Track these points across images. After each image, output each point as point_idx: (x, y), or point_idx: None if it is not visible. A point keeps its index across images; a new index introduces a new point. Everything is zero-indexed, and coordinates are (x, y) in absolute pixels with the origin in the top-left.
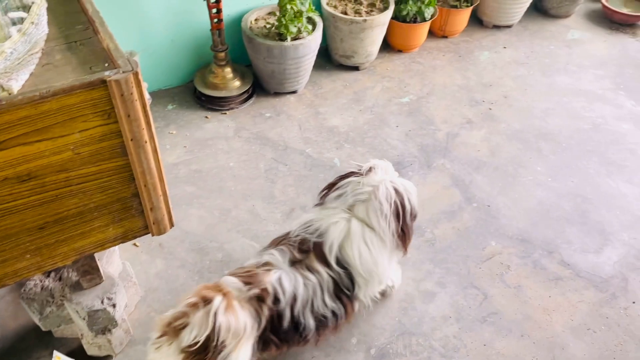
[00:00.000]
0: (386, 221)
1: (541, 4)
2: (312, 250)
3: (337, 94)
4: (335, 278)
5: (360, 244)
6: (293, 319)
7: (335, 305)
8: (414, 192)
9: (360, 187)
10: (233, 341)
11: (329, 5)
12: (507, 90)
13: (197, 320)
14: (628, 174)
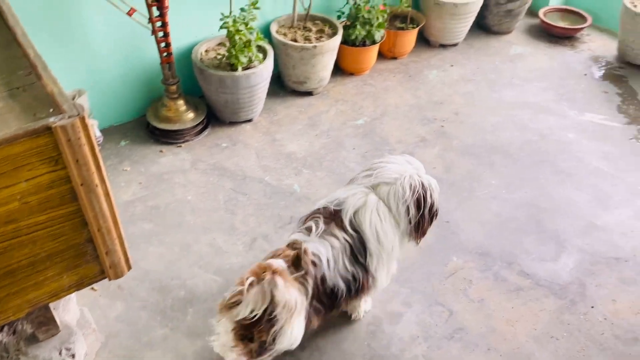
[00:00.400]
0: (404, 207)
1: (484, 22)
2: (333, 217)
3: (293, 119)
4: (350, 242)
5: (372, 214)
6: (329, 282)
7: (354, 270)
8: (436, 190)
9: (388, 172)
10: (286, 315)
11: (279, 34)
12: (458, 107)
13: (253, 296)
14: (577, 181)
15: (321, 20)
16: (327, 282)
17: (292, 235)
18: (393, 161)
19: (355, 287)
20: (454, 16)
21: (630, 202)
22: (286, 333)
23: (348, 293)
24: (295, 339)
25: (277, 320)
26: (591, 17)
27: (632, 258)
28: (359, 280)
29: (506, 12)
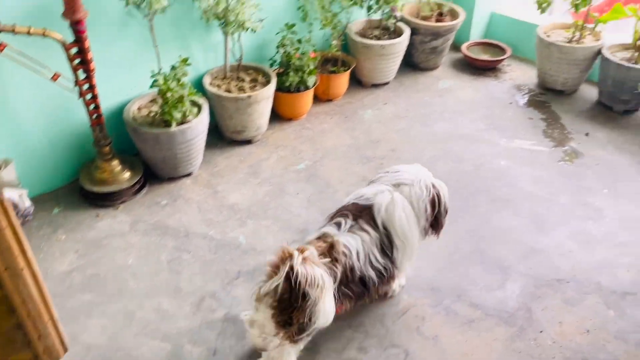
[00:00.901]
0: (424, 205)
1: (411, 60)
2: (362, 213)
3: (234, 169)
4: (380, 238)
5: (401, 211)
6: (359, 272)
7: (385, 262)
8: (446, 190)
9: (405, 175)
10: (316, 292)
11: (212, 86)
12: (394, 144)
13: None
14: (513, 207)
15: (254, 69)
16: (355, 271)
17: (322, 228)
18: (406, 168)
19: (386, 277)
20: (382, 57)
21: (564, 223)
22: (320, 310)
23: (380, 282)
24: (330, 314)
25: (310, 298)
26: (510, 49)
27: (573, 278)
28: (389, 271)
29: (431, 49)
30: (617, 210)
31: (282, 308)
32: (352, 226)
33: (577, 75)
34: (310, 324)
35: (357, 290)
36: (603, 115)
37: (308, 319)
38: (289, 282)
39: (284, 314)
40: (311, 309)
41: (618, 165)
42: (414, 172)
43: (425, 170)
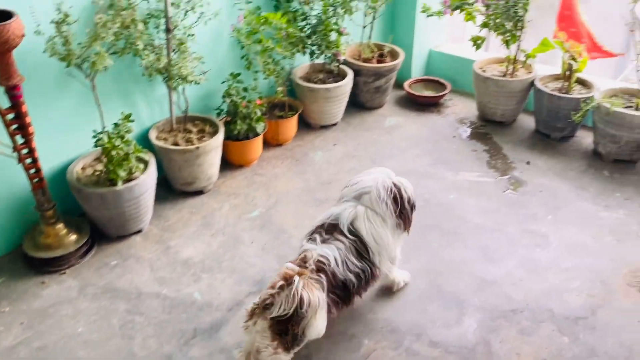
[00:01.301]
0: (385, 205)
1: (357, 100)
2: (333, 228)
3: (185, 222)
4: (354, 245)
5: (365, 221)
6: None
7: (361, 264)
8: (409, 186)
9: (365, 183)
10: (312, 311)
11: (159, 139)
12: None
13: (284, 298)
14: (463, 240)
15: (201, 120)
16: (338, 277)
17: (302, 246)
18: (367, 174)
19: (366, 278)
20: (328, 99)
21: (513, 252)
22: (313, 326)
23: (359, 284)
24: (321, 329)
25: (305, 316)
26: (450, 84)
27: (526, 307)
28: (367, 272)
29: (375, 89)
30: (562, 235)
31: (279, 320)
32: (327, 239)
33: (514, 106)
34: (303, 336)
35: (341, 295)
36: (541, 143)
37: (302, 332)
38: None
39: (281, 325)
40: (305, 324)
41: (559, 192)
42: (373, 177)
43: (386, 170)
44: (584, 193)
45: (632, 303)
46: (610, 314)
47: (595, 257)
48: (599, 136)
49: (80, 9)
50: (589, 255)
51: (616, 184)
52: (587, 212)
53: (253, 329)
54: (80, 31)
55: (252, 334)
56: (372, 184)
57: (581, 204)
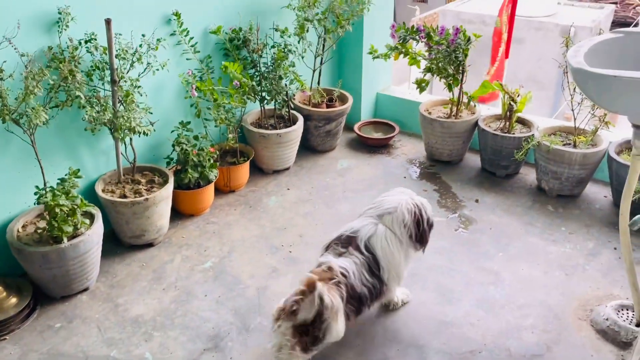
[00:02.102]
0: (406, 228)
1: (308, 144)
2: (350, 242)
3: (135, 277)
4: (367, 261)
5: (382, 240)
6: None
7: (373, 281)
8: (429, 207)
9: (389, 203)
10: (332, 315)
11: (106, 192)
12: (301, 229)
13: (308, 303)
14: (420, 281)
15: (149, 170)
16: (355, 289)
17: (319, 258)
18: (391, 194)
19: (375, 294)
20: (280, 144)
21: (469, 291)
22: (333, 329)
23: (370, 298)
24: (340, 332)
25: (325, 319)
26: (398, 126)
27: (484, 347)
28: (377, 288)
29: (326, 132)
30: (514, 272)
31: (303, 328)
32: (343, 253)
33: (460, 146)
34: (322, 339)
35: (356, 306)
36: (488, 180)
37: (322, 334)
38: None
39: (303, 327)
40: (326, 327)
41: (508, 228)
42: (397, 199)
43: (408, 191)
44: (532, 228)
45: (585, 337)
46: (565, 349)
47: (547, 292)
48: (542, 173)
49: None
50: (541, 290)
51: (561, 219)
52: (536, 248)
53: (278, 330)
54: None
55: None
56: (396, 206)
57: (530, 239)
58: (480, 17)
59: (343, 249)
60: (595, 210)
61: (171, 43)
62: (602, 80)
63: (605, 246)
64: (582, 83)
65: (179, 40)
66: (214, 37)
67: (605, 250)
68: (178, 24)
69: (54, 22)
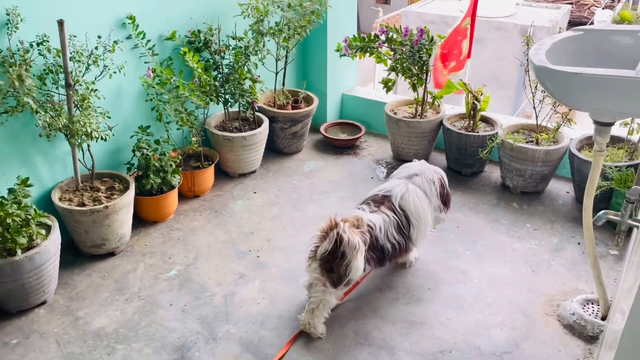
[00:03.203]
0: (434, 186)
1: (274, 146)
2: (383, 202)
3: (96, 288)
4: (398, 219)
5: (414, 197)
6: (381, 242)
7: (399, 238)
8: (445, 175)
9: (415, 167)
10: (352, 252)
11: (63, 201)
12: (268, 233)
13: (328, 240)
14: (389, 281)
15: (109, 176)
16: (379, 241)
17: (355, 210)
18: (414, 164)
19: (399, 250)
20: (245, 147)
21: (438, 290)
22: (354, 266)
23: (393, 253)
24: (359, 270)
25: (347, 256)
26: (364, 126)
27: (454, 347)
28: (402, 245)
29: (292, 134)
30: (481, 270)
31: (326, 260)
32: (375, 210)
33: (426, 145)
34: (345, 275)
35: (378, 256)
36: (454, 179)
37: (345, 270)
38: (335, 244)
39: (328, 264)
40: (347, 264)
41: (474, 226)
42: (420, 164)
43: (425, 163)
44: (498, 226)
45: (553, 332)
46: (534, 345)
47: (514, 289)
48: (506, 170)
49: None
50: (509, 287)
51: (526, 215)
52: (502, 245)
53: (309, 269)
54: None
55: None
56: (423, 168)
57: (496, 236)
58: (443, 17)
59: (375, 207)
60: (559, 206)
61: (128, 46)
62: (564, 77)
63: (569, 241)
64: (545, 80)
65: (136, 44)
66: (172, 44)
67: (569, 245)
68: (134, 27)
69: (2, 24)
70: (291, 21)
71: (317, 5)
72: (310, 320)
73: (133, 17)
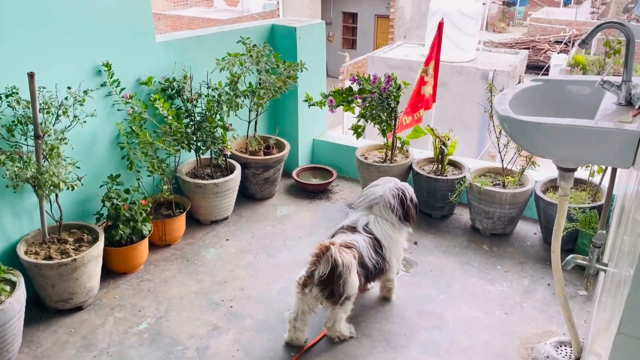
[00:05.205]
0: (393, 212)
1: (247, 192)
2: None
3: (63, 346)
4: (372, 240)
5: (376, 226)
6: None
7: (377, 258)
8: (410, 188)
9: (375, 194)
10: (346, 271)
11: (29, 254)
12: (242, 282)
13: (323, 263)
14: (364, 328)
15: (77, 227)
16: (364, 257)
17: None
18: (376, 184)
19: (378, 269)
20: (217, 194)
21: (414, 336)
22: (350, 282)
23: (375, 272)
24: (355, 285)
25: (342, 275)
26: (335, 170)
27: None
28: (380, 265)
29: (264, 180)
30: (456, 314)
31: (325, 285)
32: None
33: None
34: (343, 292)
35: (365, 272)
36: (425, 222)
37: (342, 288)
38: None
39: (327, 289)
40: (344, 282)
41: (447, 269)
42: (381, 188)
43: (392, 180)
44: (470, 268)
45: None
46: None
47: (489, 333)
48: (475, 213)
49: None
50: (483, 331)
51: (496, 257)
52: (475, 288)
53: (309, 294)
54: None
55: (304, 300)
56: (382, 194)
57: (469, 279)
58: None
59: (349, 233)
60: (527, 247)
61: (102, 94)
62: (527, 126)
63: (539, 282)
64: (509, 130)
65: (110, 91)
66: (146, 88)
67: (539, 287)
68: (109, 75)
69: None
70: (266, 82)
71: (293, 70)
72: (337, 332)
73: (109, 64)
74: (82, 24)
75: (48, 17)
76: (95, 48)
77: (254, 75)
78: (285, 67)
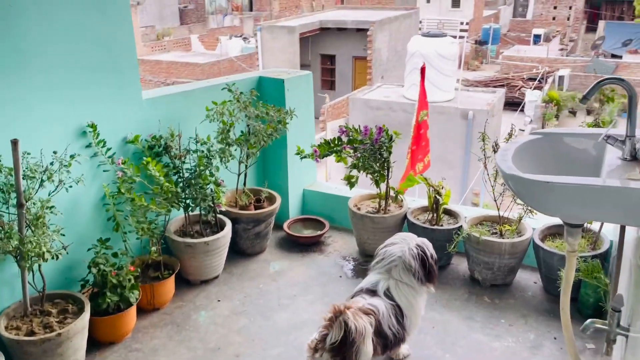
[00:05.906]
0: (415, 275)
1: (237, 247)
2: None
3: None
4: (394, 308)
5: (397, 292)
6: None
7: (397, 327)
8: (429, 244)
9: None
10: (360, 338)
11: (10, 330)
12: (237, 348)
13: (336, 328)
14: None
15: (61, 297)
16: (382, 325)
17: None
18: (392, 241)
19: (397, 340)
20: (207, 253)
21: None
22: (363, 351)
23: (394, 340)
24: (369, 354)
25: (355, 343)
26: (327, 221)
27: None
28: (401, 334)
29: (255, 234)
30: None
31: (336, 351)
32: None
33: None
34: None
35: (382, 342)
36: None
37: (355, 356)
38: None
39: (339, 355)
40: (356, 351)
41: (450, 325)
42: (399, 248)
43: (409, 235)
44: (473, 323)
45: None
46: None
47: None
48: (474, 263)
49: None
50: None
51: (499, 310)
52: (481, 345)
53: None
54: None
55: None
56: (400, 255)
57: (473, 335)
58: (388, 104)
59: (369, 297)
60: (529, 298)
61: (87, 155)
62: (535, 186)
63: (545, 337)
64: (515, 188)
65: (95, 152)
66: (133, 147)
67: (546, 341)
68: (94, 136)
69: None
70: (257, 129)
71: (283, 115)
72: None
73: (94, 125)
74: (66, 80)
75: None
76: (80, 107)
77: (242, 123)
78: (274, 111)
